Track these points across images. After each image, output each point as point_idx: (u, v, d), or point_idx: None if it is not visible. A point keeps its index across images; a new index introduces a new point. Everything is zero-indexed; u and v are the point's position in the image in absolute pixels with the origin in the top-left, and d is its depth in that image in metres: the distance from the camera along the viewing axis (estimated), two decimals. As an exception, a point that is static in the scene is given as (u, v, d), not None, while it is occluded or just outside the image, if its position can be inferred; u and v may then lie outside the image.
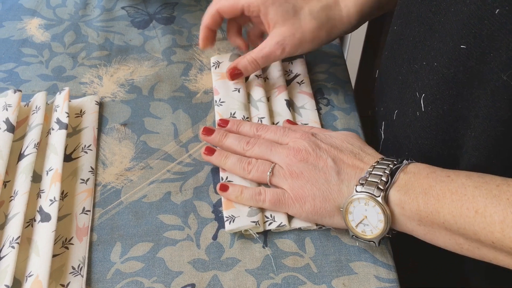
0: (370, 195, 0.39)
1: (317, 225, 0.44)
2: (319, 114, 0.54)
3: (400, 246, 0.46)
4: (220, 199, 0.46)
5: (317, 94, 0.56)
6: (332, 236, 0.44)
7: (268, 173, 0.44)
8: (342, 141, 0.45)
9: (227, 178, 0.46)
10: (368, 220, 0.40)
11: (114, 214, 0.44)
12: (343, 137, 0.45)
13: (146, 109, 0.53)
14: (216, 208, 0.45)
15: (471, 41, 0.34)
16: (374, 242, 0.41)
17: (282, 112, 0.52)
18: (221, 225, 0.44)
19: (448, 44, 0.37)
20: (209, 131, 0.48)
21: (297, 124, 0.51)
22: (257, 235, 0.43)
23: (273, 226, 0.43)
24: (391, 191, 0.39)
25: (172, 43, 0.61)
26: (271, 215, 0.44)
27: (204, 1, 0.67)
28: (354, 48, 1.54)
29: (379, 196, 0.39)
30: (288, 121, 0.51)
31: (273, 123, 0.52)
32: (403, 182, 0.39)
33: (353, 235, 0.42)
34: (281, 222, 0.43)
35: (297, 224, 0.43)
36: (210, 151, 0.47)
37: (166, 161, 0.49)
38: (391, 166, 0.40)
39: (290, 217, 0.44)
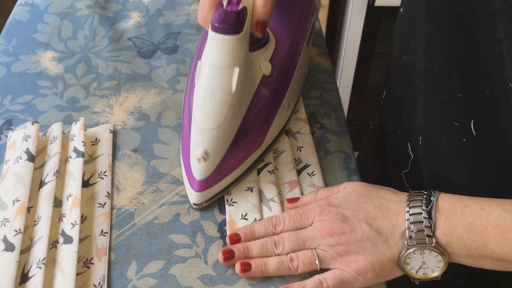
0: (423, 245, 0.41)
1: None
2: (313, 137, 0.58)
3: None
4: (225, 219, 0.50)
5: (311, 119, 0.61)
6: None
7: (317, 262, 0.44)
8: (358, 199, 0.45)
9: (231, 199, 0.51)
10: (427, 264, 0.43)
11: (129, 235, 0.49)
12: (354, 194, 0.46)
13: (154, 136, 0.58)
14: (221, 228, 0.50)
15: None
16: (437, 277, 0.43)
17: None
18: (226, 243, 0.49)
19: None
20: (229, 252, 0.46)
21: (298, 198, 0.50)
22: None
23: None
24: (436, 234, 0.42)
25: (176, 72, 0.66)
26: None
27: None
28: (348, 59, 1.59)
29: (432, 244, 0.41)
30: (289, 200, 0.50)
31: None
32: (443, 224, 0.41)
33: (414, 280, 0.44)
34: None
35: None
36: (245, 267, 0.45)
37: (174, 184, 0.53)
38: (424, 208, 0.42)
39: None
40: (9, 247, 0.46)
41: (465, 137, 0.45)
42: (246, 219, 0.50)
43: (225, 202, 0.52)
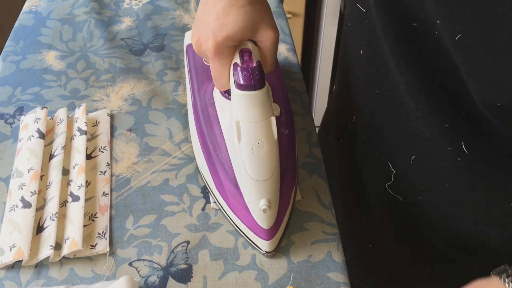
0: None
1: None
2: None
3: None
4: (205, 185, 0.60)
5: (280, 102, 0.71)
6: (295, 208, 0.58)
7: None
8: None
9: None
10: None
11: (126, 196, 0.59)
12: None
13: (146, 118, 0.68)
14: (204, 190, 0.60)
15: None
16: None
17: None
18: (208, 201, 0.59)
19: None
20: None
21: None
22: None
23: None
24: None
25: (164, 66, 0.76)
26: None
27: (188, 30, 0.82)
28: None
29: None
30: None
31: None
32: None
33: None
34: None
35: None
36: None
37: (164, 156, 0.63)
38: None
39: None
40: (27, 205, 0.55)
41: (459, 157, 0.50)
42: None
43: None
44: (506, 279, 0.46)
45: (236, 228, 0.55)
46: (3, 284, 0.50)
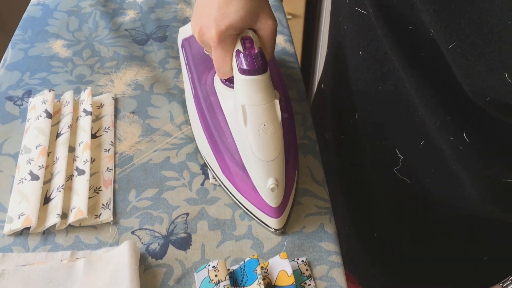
0: None
1: None
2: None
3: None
4: (204, 163, 0.63)
5: (277, 88, 0.74)
6: (286, 182, 0.61)
7: None
8: None
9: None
10: None
11: (129, 172, 0.62)
12: None
13: (148, 101, 0.71)
14: (203, 167, 0.63)
15: None
16: None
17: None
18: (207, 177, 0.62)
19: None
20: None
21: None
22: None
23: None
24: None
25: (166, 55, 0.79)
26: None
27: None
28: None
29: None
30: None
31: None
32: None
33: None
34: None
35: None
36: None
37: (165, 136, 0.66)
38: None
39: None
40: (35, 177, 0.58)
41: (461, 145, 0.53)
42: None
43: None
44: None
45: (245, 210, 0.58)
46: (12, 249, 0.53)
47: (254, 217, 0.57)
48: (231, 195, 0.59)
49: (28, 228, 0.55)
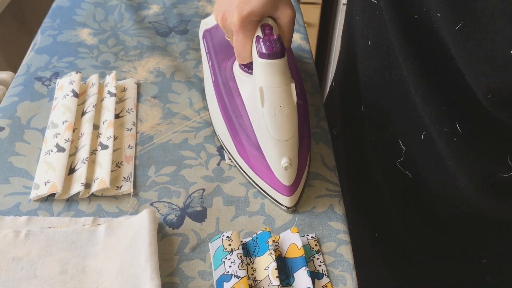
0: None
1: None
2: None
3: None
4: (221, 145, 0.66)
5: (292, 81, 0.77)
6: (298, 166, 0.64)
7: None
8: None
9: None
10: None
11: (149, 150, 0.65)
12: None
13: (169, 88, 0.74)
14: (219, 149, 0.66)
15: None
16: None
17: None
18: (222, 158, 0.65)
19: None
20: None
21: None
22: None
23: None
24: None
25: (187, 47, 0.83)
26: None
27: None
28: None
29: None
30: None
31: None
32: None
33: None
34: None
35: None
36: None
37: (184, 120, 0.69)
38: None
39: None
40: (61, 149, 0.61)
41: (455, 137, 0.55)
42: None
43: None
44: None
45: (259, 188, 0.60)
46: (37, 213, 0.56)
47: (267, 196, 0.60)
48: (245, 175, 0.62)
49: (53, 195, 0.58)
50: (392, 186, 0.74)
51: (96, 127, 0.66)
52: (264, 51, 0.55)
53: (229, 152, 0.63)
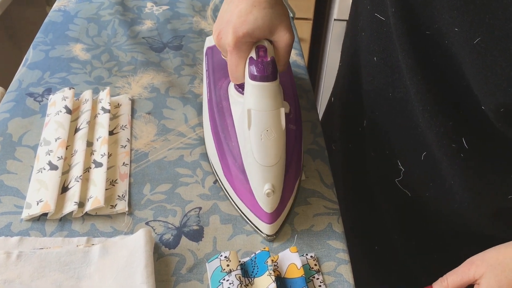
0: None
1: None
2: (289, 109, 0.74)
3: None
4: (218, 161, 0.65)
5: (288, 97, 0.77)
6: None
7: None
8: None
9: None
10: None
11: (144, 167, 0.64)
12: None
13: (164, 103, 0.73)
14: (215, 166, 0.65)
15: None
16: None
17: None
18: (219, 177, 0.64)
19: None
20: None
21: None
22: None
23: None
24: None
25: (181, 62, 0.82)
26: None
27: (205, 34, 0.89)
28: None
29: None
30: None
31: None
32: None
33: None
34: None
35: None
36: None
37: (179, 136, 0.68)
38: None
39: None
40: (53, 167, 0.60)
41: (462, 152, 0.55)
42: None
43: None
44: None
45: (240, 212, 0.59)
46: (29, 234, 0.55)
47: (248, 222, 0.58)
48: (229, 197, 0.60)
49: (46, 214, 0.56)
50: (391, 202, 0.73)
51: (89, 144, 0.65)
52: (255, 73, 0.54)
53: (216, 172, 0.62)
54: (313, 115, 0.75)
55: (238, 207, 0.59)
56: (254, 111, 0.54)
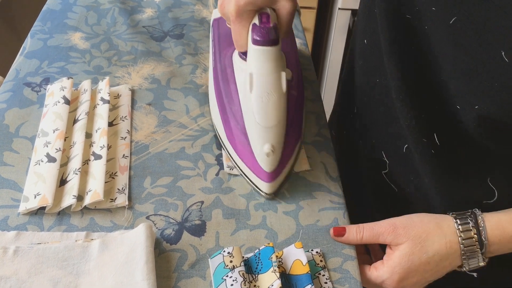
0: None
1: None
2: (293, 100, 0.72)
3: None
4: (220, 153, 0.63)
5: (292, 88, 0.75)
6: (301, 177, 0.62)
7: None
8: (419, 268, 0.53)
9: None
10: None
11: (145, 160, 0.62)
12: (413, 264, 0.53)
13: (164, 95, 0.71)
14: (218, 158, 0.63)
15: None
16: None
17: None
18: (221, 167, 0.62)
19: None
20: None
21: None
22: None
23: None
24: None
25: (183, 51, 0.80)
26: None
27: (206, 23, 0.87)
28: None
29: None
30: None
31: None
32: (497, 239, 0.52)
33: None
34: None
35: None
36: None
37: (181, 128, 0.67)
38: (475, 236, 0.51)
39: None
40: (51, 159, 0.58)
41: (433, 149, 0.55)
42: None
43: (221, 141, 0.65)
44: (459, 221, 0.52)
45: (242, 173, 0.60)
46: (26, 228, 0.53)
47: (249, 181, 0.59)
48: (231, 159, 0.61)
49: (43, 208, 0.55)
50: (378, 196, 0.71)
51: (88, 135, 0.63)
52: (257, 38, 0.54)
53: (219, 136, 0.63)
54: (318, 106, 0.73)
55: (239, 167, 0.60)
56: (256, 74, 0.55)
